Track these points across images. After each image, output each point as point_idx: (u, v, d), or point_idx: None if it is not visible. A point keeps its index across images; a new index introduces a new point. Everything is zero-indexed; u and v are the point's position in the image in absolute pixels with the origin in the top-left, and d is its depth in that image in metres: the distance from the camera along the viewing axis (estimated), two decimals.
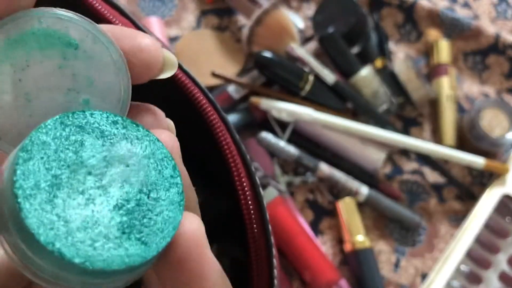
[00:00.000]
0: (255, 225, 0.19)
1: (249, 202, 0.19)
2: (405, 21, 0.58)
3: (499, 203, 0.48)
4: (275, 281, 0.19)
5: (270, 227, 0.19)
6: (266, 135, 0.47)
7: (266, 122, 0.49)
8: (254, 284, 0.20)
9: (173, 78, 0.20)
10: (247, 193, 0.19)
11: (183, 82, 0.20)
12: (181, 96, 0.20)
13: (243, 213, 0.19)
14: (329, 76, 0.48)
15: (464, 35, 0.57)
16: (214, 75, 0.49)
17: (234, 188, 0.19)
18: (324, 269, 0.43)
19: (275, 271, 0.19)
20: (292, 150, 0.47)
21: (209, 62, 0.52)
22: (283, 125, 0.48)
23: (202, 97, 0.20)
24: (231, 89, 0.50)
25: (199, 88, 0.20)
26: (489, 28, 0.57)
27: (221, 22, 0.55)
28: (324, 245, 0.47)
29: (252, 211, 0.19)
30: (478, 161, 0.48)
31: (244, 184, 0.19)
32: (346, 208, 0.46)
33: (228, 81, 0.49)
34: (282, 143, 0.47)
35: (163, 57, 0.16)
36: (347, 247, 0.46)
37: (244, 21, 0.55)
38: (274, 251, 0.20)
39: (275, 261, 0.19)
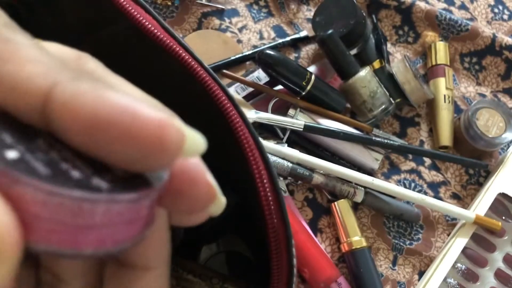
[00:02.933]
0: (274, 216, 0.20)
1: (268, 193, 0.20)
2: (403, 22, 0.59)
3: (495, 201, 0.48)
4: (294, 270, 0.20)
5: (288, 218, 0.20)
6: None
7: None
8: (274, 273, 0.20)
9: (192, 72, 0.21)
10: (266, 184, 0.20)
11: (200, 76, 0.21)
12: (197, 87, 0.21)
13: (262, 204, 0.20)
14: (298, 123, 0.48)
15: (461, 36, 0.58)
16: (224, 74, 0.49)
17: (252, 180, 0.20)
18: (323, 266, 0.43)
19: (294, 260, 0.20)
20: (285, 163, 0.46)
21: (212, 61, 0.52)
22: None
23: (219, 91, 0.21)
24: (233, 89, 0.51)
25: (216, 82, 0.21)
26: (486, 29, 0.58)
27: (222, 23, 0.56)
28: (322, 243, 0.48)
29: (271, 202, 0.20)
30: (468, 215, 0.47)
31: (263, 176, 0.20)
32: (341, 209, 0.47)
33: (235, 79, 0.50)
34: (274, 158, 0.46)
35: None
36: (344, 247, 0.46)
37: (244, 23, 0.56)
38: (293, 241, 0.20)
39: (294, 250, 0.20)
